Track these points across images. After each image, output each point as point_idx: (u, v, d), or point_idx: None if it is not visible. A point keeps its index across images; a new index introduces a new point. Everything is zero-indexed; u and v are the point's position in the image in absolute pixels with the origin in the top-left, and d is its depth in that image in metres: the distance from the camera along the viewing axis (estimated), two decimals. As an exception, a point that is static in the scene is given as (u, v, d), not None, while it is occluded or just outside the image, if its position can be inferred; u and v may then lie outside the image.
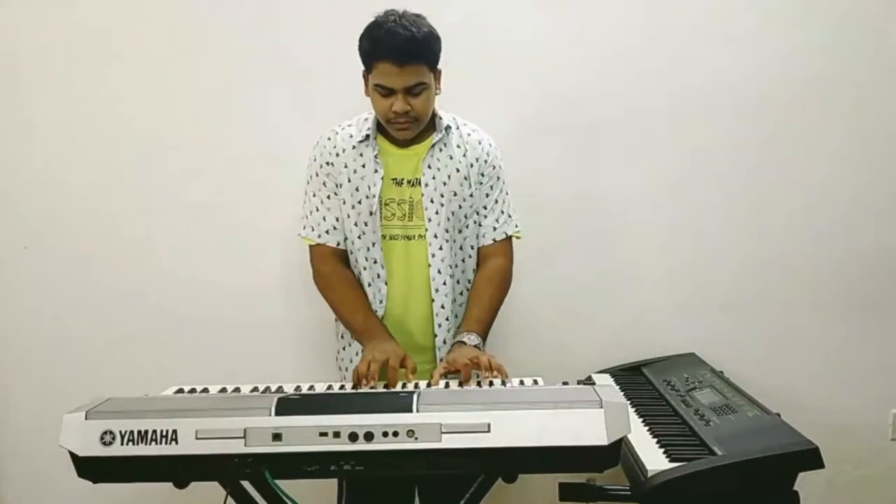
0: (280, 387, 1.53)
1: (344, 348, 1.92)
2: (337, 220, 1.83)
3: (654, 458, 1.54)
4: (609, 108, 2.32)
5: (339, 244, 1.84)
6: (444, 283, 1.82)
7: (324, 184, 1.82)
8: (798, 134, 2.34)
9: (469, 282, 1.89)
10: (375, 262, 1.82)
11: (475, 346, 1.70)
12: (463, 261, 1.87)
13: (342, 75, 2.19)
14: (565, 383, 1.47)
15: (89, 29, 2.26)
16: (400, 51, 1.63)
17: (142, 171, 2.31)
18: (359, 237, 1.81)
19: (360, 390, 1.54)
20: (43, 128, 2.29)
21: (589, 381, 1.65)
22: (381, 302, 1.83)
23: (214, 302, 2.35)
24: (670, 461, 1.51)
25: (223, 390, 1.53)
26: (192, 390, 1.53)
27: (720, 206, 2.37)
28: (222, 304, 2.35)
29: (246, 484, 1.32)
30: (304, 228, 1.86)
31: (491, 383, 1.55)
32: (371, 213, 1.79)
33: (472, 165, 1.83)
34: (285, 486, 1.22)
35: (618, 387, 2.03)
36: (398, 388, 1.57)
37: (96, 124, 2.29)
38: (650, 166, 2.35)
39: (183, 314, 2.35)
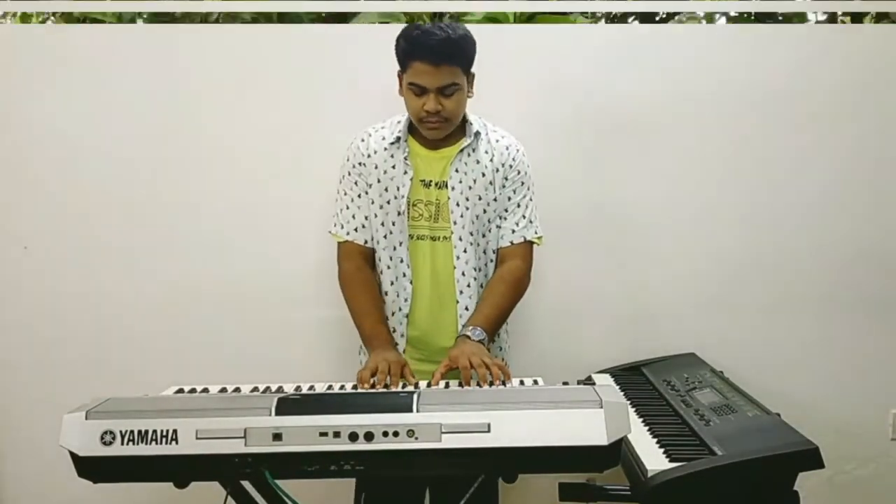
0: (280, 387, 1.53)
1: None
2: (366, 218, 1.86)
3: (654, 458, 1.53)
4: (610, 112, 2.32)
5: (366, 242, 1.87)
6: (468, 286, 1.85)
7: (355, 183, 1.86)
8: (800, 135, 2.34)
9: None
10: (401, 261, 1.84)
11: (479, 341, 1.70)
12: (486, 265, 1.89)
13: (355, 82, 2.22)
14: (565, 383, 1.47)
15: (93, 28, 2.25)
16: (435, 51, 1.67)
17: (143, 170, 2.30)
18: (384, 237, 1.84)
19: (360, 390, 1.54)
20: (43, 127, 2.28)
21: (589, 381, 1.64)
22: (405, 300, 1.85)
23: (215, 302, 2.34)
24: (670, 461, 1.51)
25: (223, 390, 1.53)
26: (192, 390, 1.53)
27: (720, 207, 2.37)
28: (223, 304, 2.34)
29: (246, 484, 1.32)
30: (335, 226, 1.89)
31: (491, 383, 1.55)
32: (399, 214, 1.82)
33: (497, 170, 1.85)
34: (285, 486, 1.22)
35: (618, 387, 2.03)
36: (398, 388, 1.57)
37: (97, 123, 2.28)
38: (651, 170, 2.35)
39: (184, 314, 2.34)
